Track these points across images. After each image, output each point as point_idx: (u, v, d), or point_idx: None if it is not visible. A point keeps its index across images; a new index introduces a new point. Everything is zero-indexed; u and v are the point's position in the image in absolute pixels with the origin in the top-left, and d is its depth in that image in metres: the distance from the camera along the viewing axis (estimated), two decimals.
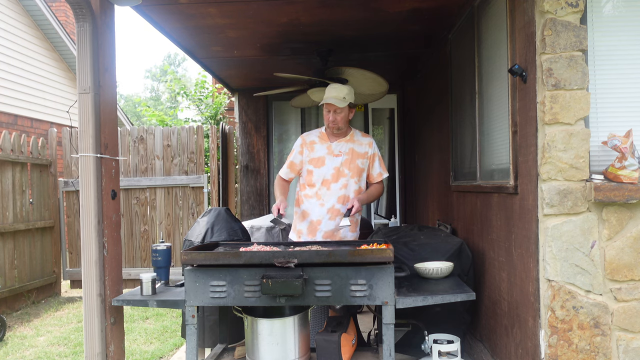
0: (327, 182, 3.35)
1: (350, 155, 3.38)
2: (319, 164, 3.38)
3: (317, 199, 3.35)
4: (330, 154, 3.38)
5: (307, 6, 3.67)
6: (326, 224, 3.34)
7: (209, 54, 4.98)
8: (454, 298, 2.65)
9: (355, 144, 3.42)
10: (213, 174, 6.63)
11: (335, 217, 3.34)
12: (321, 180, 3.36)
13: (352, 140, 3.43)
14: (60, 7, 10.56)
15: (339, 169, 3.35)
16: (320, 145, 3.42)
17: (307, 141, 3.46)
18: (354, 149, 3.40)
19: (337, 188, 3.34)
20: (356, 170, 3.37)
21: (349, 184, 3.35)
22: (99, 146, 2.90)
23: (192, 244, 3.52)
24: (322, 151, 3.40)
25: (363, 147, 3.43)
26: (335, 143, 3.42)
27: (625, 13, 2.54)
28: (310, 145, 3.44)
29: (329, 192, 3.34)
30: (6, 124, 8.52)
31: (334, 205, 3.35)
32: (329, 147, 3.40)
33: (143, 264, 6.66)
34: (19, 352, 4.44)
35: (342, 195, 3.35)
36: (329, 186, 3.35)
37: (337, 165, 3.36)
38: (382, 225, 5.77)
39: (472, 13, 3.53)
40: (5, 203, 5.73)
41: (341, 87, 3.36)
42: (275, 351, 2.76)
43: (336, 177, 3.35)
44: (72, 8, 2.81)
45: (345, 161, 3.37)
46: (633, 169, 2.36)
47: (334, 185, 3.34)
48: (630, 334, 2.42)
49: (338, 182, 3.34)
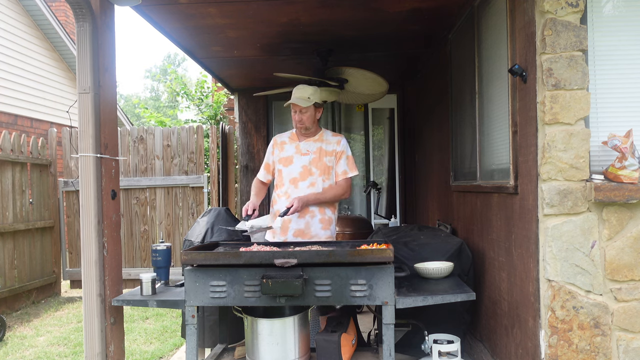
0: (295, 181, 3.39)
1: (318, 154, 3.41)
2: (287, 163, 3.43)
3: (286, 197, 3.37)
4: (298, 153, 3.43)
5: (307, 6, 3.67)
6: (296, 222, 3.35)
7: (209, 54, 4.98)
8: (454, 298, 2.65)
9: (324, 143, 3.45)
10: (213, 174, 6.63)
11: (304, 215, 3.33)
12: (290, 179, 3.40)
13: (321, 139, 3.46)
14: (60, 7, 10.55)
15: (306, 167, 3.39)
16: (290, 145, 3.48)
17: (278, 142, 3.54)
18: (322, 148, 3.43)
19: (304, 186, 3.36)
20: (324, 168, 3.39)
21: (316, 182, 3.37)
22: (99, 146, 2.90)
23: (192, 244, 3.52)
24: (290, 150, 3.46)
25: (331, 145, 3.45)
26: (304, 142, 3.46)
27: (625, 13, 2.54)
28: (280, 145, 3.51)
29: (297, 190, 3.36)
30: (6, 124, 8.52)
31: None
32: (297, 147, 3.45)
33: (143, 264, 6.65)
34: (19, 352, 4.44)
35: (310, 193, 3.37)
36: (297, 184, 3.38)
37: (305, 163, 3.39)
38: (382, 225, 5.77)
39: (472, 13, 3.53)
40: (5, 203, 5.73)
41: (306, 88, 3.41)
42: (275, 351, 2.76)
43: (304, 175, 3.38)
44: (72, 8, 2.81)
45: (313, 160, 3.40)
46: (633, 169, 2.36)
47: (302, 183, 3.37)
48: (631, 334, 2.42)
49: (306, 181, 3.37)
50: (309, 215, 3.35)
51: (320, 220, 3.36)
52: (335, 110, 6.98)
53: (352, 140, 7.15)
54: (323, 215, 3.37)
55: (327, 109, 6.95)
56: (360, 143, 7.02)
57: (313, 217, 3.35)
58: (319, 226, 3.36)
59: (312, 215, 3.35)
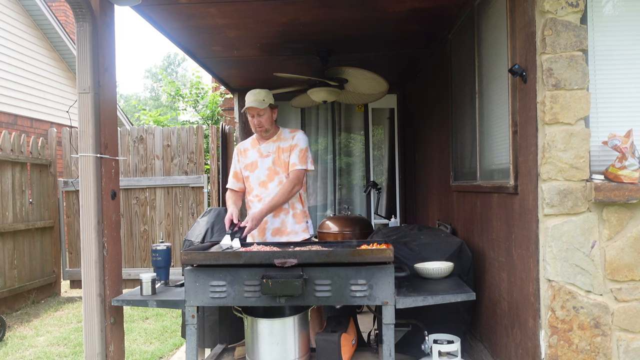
0: (264, 183, 3.47)
1: (277, 152, 3.49)
2: (253, 169, 3.51)
3: (259, 200, 3.46)
4: (260, 156, 3.51)
5: (306, 6, 3.67)
6: (272, 222, 3.44)
7: (209, 54, 4.97)
8: (454, 298, 2.65)
9: (282, 141, 3.51)
10: (213, 174, 6.63)
11: (278, 214, 3.43)
12: (258, 183, 3.48)
13: (279, 139, 3.53)
14: (60, 7, 10.55)
15: (271, 168, 3.47)
16: (252, 150, 3.56)
17: (241, 149, 3.61)
18: (280, 146, 3.50)
19: (273, 186, 3.44)
20: (284, 165, 3.46)
21: (283, 180, 3.44)
22: (99, 146, 2.90)
23: (192, 243, 3.52)
24: (254, 156, 3.53)
25: (287, 142, 3.50)
26: (264, 145, 3.53)
27: (625, 13, 2.54)
28: (244, 152, 3.58)
29: (267, 191, 3.44)
30: (6, 124, 8.52)
31: None
32: (259, 150, 3.53)
33: (143, 264, 6.65)
34: (19, 352, 4.44)
35: None
36: (266, 186, 3.46)
37: (269, 165, 3.47)
38: (382, 225, 5.77)
39: (472, 13, 3.53)
40: (5, 203, 5.73)
41: (258, 91, 3.47)
42: (275, 351, 2.76)
43: (271, 176, 3.46)
44: (72, 8, 2.80)
45: (274, 160, 3.47)
46: (633, 169, 2.36)
47: (271, 184, 3.45)
48: (631, 334, 2.41)
49: (274, 181, 3.45)
50: (282, 213, 3.44)
51: (293, 215, 3.46)
52: (335, 110, 6.98)
53: (352, 140, 7.15)
54: (295, 210, 3.47)
55: (327, 109, 6.95)
56: (360, 143, 7.02)
57: (287, 214, 3.45)
58: (292, 221, 3.45)
59: (286, 213, 3.44)
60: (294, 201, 3.47)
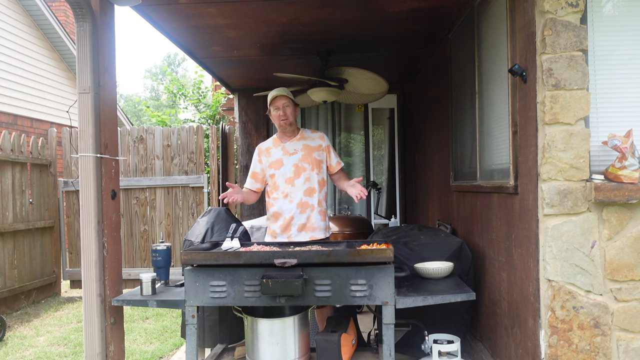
0: (290, 180, 3.50)
1: (305, 150, 3.55)
2: (278, 166, 3.53)
3: (285, 197, 3.49)
4: (286, 154, 3.55)
5: (306, 6, 3.67)
6: (298, 217, 3.47)
7: (209, 54, 4.98)
8: (454, 298, 2.65)
9: (307, 140, 3.59)
10: (213, 174, 6.63)
11: (305, 210, 3.47)
12: (284, 180, 3.51)
13: (303, 137, 3.61)
14: (60, 7, 10.55)
15: (297, 165, 3.51)
16: (275, 149, 3.59)
17: (262, 149, 3.64)
18: (308, 145, 3.57)
19: (300, 183, 3.49)
20: (314, 162, 3.53)
21: (311, 177, 3.50)
22: (99, 146, 2.90)
23: (192, 244, 3.52)
24: (278, 154, 3.56)
25: (315, 141, 3.60)
26: (289, 143, 3.58)
27: (625, 13, 2.54)
28: (266, 152, 3.61)
29: (294, 188, 3.49)
30: (6, 124, 8.52)
31: (302, 199, 3.47)
32: (283, 148, 3.57)
33: (143, 264, 6.65)
34: (19, 352, 4.44)
35: (308, 188, 3.49)
36: (292, 183, 3.49)
37: (295, 162, 3.52)
38: (382, 225, 5.77)
39: (472, 13, 3.53)
40: (5, 203, 5.73)
41: (281, 88, 3.56)
42: (275, 351, 2.76)
43: (297, 173, 3.50)
44: (72, 8, 2.80)
45: (302, 157, 3.53)
46: (633, 169, 2.36)
47: (297, 181, 3.49)
48: (631, 334, 2.42)
49: (300, 177, 3.49)
50: (309, 209, 3.47)
51: (319, 212, 3.50)
52: (335, 110, 6.98)
53: (352, 140, 7.15)
54: (320, 207, 3.52)
55: (327, 108, 6.95)
56: (360, 143, 7.02)
57: (313, 211, 3.48)
58: (318, 218, 3.50)
59: (312, 209, 3.48)
60: (321, 199, 3.52)
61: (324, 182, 3.57)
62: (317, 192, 3.48)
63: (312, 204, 3.46)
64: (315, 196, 3.47)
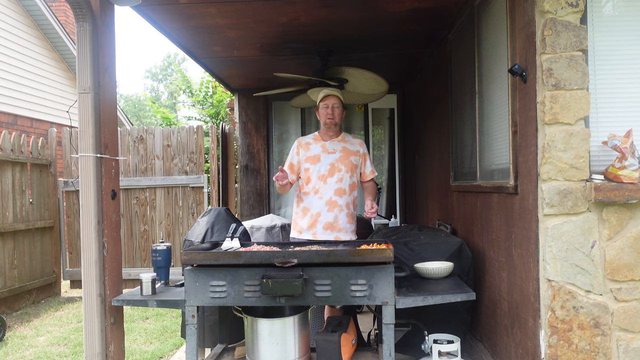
0: (323, 177, 3.55)
1: (344, 152, 3.61)
2: (314, 161, 3.59)
3: (315, 193, 3.55)
4: (325, 151, 3.61)
5: (307, 6, 3.67)
6: (325, 215, 3.52)
7: (209, 54, 4.98)
8: (454, 298, 2.65)
9: (347, 143, 3.68)
10: (213, 174, 6.63)
11: (333, 208, 3.52)
12: (318, 176, 3.57)
13: (344, 140, 3.69)
14: (60, 7, 10.56)
15: (333, 165, 3.57)
16: (315, 145, 3.66)
17: (302, 143, 3.71)
18: (347, 147, 3.64)
19: (333, 182, 3.54)
20: (350, 166, 3.59)
21: (344, 178, 3.56)
22: (99, 146, 2.90)
23: (192, 243, 3.52)
24: (317, 150, 3.63)
25: (355, 146, 3.68)
26: (329, 142, 3.65)
27: (625, 13, 2.54)
28: (306, 145, 3.68)
29: (325, 185, 3.54)
30: (6, 124, 8.52)
31: (332, 197, 3.52)
32: (323, 146, 3.63)
33: (143, 264, 6.65)
34: (19, 352, 4.44)
35: (339, 189, 3.54)
36: (325, 180, 3.55)
37: (332, 161, 3.58)
38: (382, 225, 5.77)
39: (472, 13, 3.53)
40: (5, 203, 5.73)
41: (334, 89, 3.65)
42: (275, 351, 2.76)
43: (332, 172, 3.55)
44: (72, 8, 2.80)
45: (340, 158, 3.59)
46: (633, 169, 2.36)
47: (330, 179, 3.54)
48: (631, 334, 2.42)
49: (334, 177, 3.55)
50: (337, 209, 3.53)
51: (347, 214, 3.56)
52: None
53: None
54: (349, 209, 3.58)
55: None
56: None
57: (341, 211, 3.54)
58: (345, 220, 3.55)
59: (340, 210, 3.53)
60: (349, 201, 3.56)
61: (355, 186, 3.63)
62: (347, 194, 3.54)
63: (340, 204, 3.52)
64: (344, 197, 3.53)
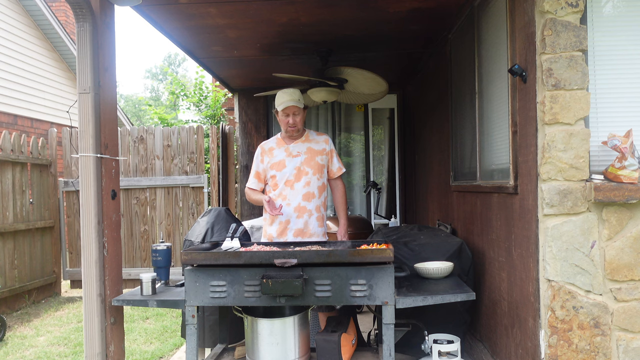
0: (290, 183, 3.47)
1: (309, 153, 3.51)
2: (280, 167, 3.50)
3: (283, 199, 3.46)
4: (289, 155, 3.51)
5: (307, 6, 3.67)
6: (295, 222, 3.44)
7: (209, 54, 4.98)
8: (454, 298, 2.65)
9: (312, 142, 3.56)
10: (213, 174, 6.63)
11: (302, 214, 3.44)
12: (284, 182, 3.48)
13: (308, 140, 3.57)
14: (60, 7, 10.55)
15: (299, 169, 3.48)
16: (279, 149, 3.55)
17: (265, 149, 3.60)
18: (312, 147, 3.53)
19: (300, 187, 3.46)
20: (317, 167, 3.50)
21: (311, 181, 3.47)
22: (99, 146, 2.90)
23: (192, 243, 3.52)
24: (281, 155, 3.52)
25: (320, 144, 3.56)
26: (293, 145, 3.54)
27: (625, 13, 2.54)
28: (269, 152, 3.57)
29: (293, 191, 3.45)
30: (6, 124, 8.52)
31: (300, 203, 3.45)
32: (286, 150, 3.53)
33: (143, 264, 6.66)
34: (19, 352, 4.44)
35: (307, 193, 3.46)
36: (292, 186, 3.46)
37: (297, 165, 3.48)
38: (382, 225, 5.77)
39: (472, 13, 3.53)
40: (5, 203, 5.73)
41: (293, 90, 3.49)
42: (275, 351, 2.76)
43: (298, 176, 3.47)
44: (72, 8, 2.81)
45: (305, 160, 3.49)
46: (633, 169, 2.36)
47: (297, 184, 3.46)
48: (630, 334, 2.42)
49: (301, 181, 3.46)
50: (306, 214, 3.45)
51: (317, 218, 3.48)
52: (335, 110, 6.98)
53: (352, 140, 7.15)
54: (319, 212, 3.50)
55: (327, 109, 6.95)
56: (360, 143, 7.02)
57: (311, 216, 3.46)
58: (316, 224, 3.48)
59: (310, 214, 3.46)
60: (319, 204, 3.49)
61: (324, 187, 3.54)
62: (316, 197, 3.46)
63: (310, 209, 3.44)
64: (313, 201, 3.45)
